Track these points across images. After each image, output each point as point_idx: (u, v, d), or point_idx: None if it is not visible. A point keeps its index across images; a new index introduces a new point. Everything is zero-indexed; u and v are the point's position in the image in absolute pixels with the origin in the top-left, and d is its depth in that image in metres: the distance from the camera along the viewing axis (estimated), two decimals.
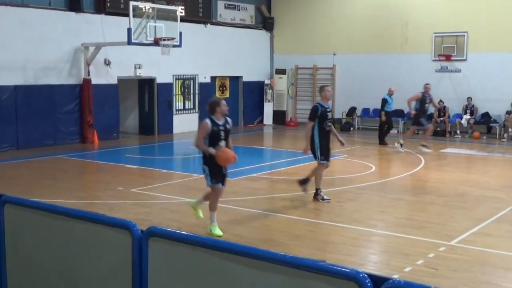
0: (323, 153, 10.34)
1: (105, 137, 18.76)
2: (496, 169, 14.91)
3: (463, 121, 20.94)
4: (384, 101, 18.45)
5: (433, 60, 21.72)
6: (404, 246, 8.00)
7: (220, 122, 8.15)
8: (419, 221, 9.32)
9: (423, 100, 16.80)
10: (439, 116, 21.15)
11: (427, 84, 17.19)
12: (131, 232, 3.67)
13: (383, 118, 18.55)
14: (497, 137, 20.33)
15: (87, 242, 3.98)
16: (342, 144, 10.67)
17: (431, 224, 9.12)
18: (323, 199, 10.42)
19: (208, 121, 8.08)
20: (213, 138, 8.08)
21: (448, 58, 21.37)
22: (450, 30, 21.20)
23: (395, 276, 6.44)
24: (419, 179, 13.28)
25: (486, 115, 20.93)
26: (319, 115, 10.24)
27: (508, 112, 20.23)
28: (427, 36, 21.65)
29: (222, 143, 8.12)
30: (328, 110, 10.43)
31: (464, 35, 21.03)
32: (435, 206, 10.39)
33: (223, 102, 8.31)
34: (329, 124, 10.41)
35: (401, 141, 17.08)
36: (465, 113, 21.07)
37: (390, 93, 18.63)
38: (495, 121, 20.66)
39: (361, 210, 10.10)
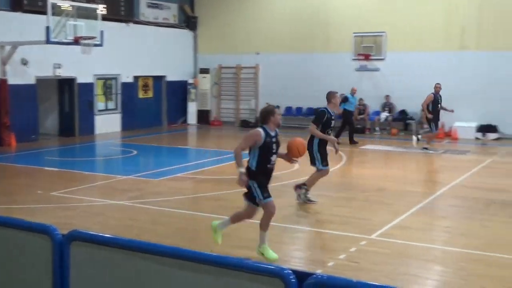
0: (324, 159, 10.07)
1: (23, 139, 18.10)
2: (413, 164, 15.50)
3: (382, 118, 21.63)
4: (345, 99, 18.27)
5: (353, 60, 22.29)
6: (327, 241, 8.20)
7: (273, 133, 7.24)
8: (341, 216, 9.55)
9: (435, 100, 16.42)
10: (359, 114, 21.74)
11: (438, 83, 16.68)
12: (52, 236, 3.59)
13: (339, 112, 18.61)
14: (414, 133, 21.09)
15: (5, 248, 3.85)
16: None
17: (353, 219, 9.37)
18: (304, 197, 10.20)
19: (261, 130, 7.14)
20: (265, 151, 7.15)
21: (367, 57, 21.99)
22: (369, 30, 21.83)
23: (319, 271, 6.59)
24: (341, 175, 13.61)
25: (403, 112, 21.70)
26: (324, 121, 9.86)
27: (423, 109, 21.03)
28: (347, 36, 22.19)
29: (274, 157, 7.27)
30: (333, 117, 10.08)
31: (382, 35, 21.71)
32: (356, 202, 10.68)
33: (278, 111, 7.41)
34: (330, 132, 10.18)
35: (426, 146, 16.83)
36: (384, 111, 21.76)
37: (353, 92, 18.83)
38: (411, 118, 21.45)
39: (285, 207, 10.22)
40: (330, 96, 10.19)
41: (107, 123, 21.49)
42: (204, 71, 25.26)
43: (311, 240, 8.41)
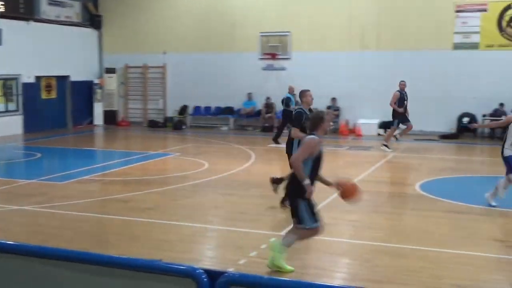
0: None
1: None
2: None
3: None
4: (288, 100, 17.93)
5: (260, 59, 22.56)
6: (238, 239, 8.27)
7: None
8: (251, 214, 9.67)
9: (401, 98, 16.63)
10: (267, 112, 22.04)
11: (402, 81, 16.92)
12: None
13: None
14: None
15: None
16: None
17: (263, 216, 9.51)
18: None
19: (318, 139, 6.44)
20: (317, 163, 6.50)
21: (273, 56, 22.34)
22: (275, 30, 22.18)
23: (231, 269, 6.64)
24: (250, 173, 13.75)
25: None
26: (304, 120, 9.61)
27: (328, 107, 21.64)
28: (253, 35, 22.43)
29: (321, 172, 6.67)
30: (309, 115, 10.03)
31: (287, 35, 22.11)
32: (265, 199, 10.81)
33: (327, 117, 6.69)
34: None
35: (385, 142, 16.88)
36: None
37: (291, 91, 18.68)
38: None
39: (195, 207, 10.24)
40: (301, 95, 10.23)
41: (8, 125, 20.58)
42: (110, 70, 24.74)
43: (222, 238, 8.46)
